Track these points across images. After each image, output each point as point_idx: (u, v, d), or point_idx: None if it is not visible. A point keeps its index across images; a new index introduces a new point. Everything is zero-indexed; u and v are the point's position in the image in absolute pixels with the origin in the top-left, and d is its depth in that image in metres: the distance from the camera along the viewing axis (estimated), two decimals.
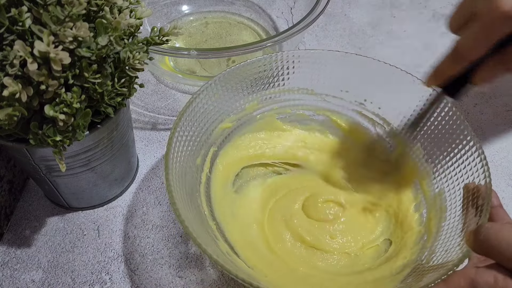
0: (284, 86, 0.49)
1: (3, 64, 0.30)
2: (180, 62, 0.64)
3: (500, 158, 0.54)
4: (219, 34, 0.68)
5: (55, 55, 0.30)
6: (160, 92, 0.61)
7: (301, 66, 0.48)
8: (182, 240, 0.46)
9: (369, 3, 0.77)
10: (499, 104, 0.60)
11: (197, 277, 0.44)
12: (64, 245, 0.46)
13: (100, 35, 0.34)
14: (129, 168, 0.50)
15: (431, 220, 0.42)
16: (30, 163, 0.40)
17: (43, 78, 0.31)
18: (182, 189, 0.39)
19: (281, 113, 0.51)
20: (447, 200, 0.41)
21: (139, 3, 0.39)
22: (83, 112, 0.35)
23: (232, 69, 0.45)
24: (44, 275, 0.44)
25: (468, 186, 0.39)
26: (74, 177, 0.43)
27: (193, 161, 0.43)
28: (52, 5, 0.31)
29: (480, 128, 0.57)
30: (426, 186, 0.44)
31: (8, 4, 0.31)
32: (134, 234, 0.47)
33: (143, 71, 0.38)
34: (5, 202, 0.47)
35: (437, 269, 0.34)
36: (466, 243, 0.33)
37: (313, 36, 0.70)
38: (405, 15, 0.74)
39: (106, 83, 0.36)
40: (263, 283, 0.34)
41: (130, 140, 0.47)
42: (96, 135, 0.39)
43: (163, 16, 0.70)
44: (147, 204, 0.49)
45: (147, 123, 0.57)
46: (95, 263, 0.44)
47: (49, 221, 0.48)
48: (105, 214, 0.48)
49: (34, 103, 0.33)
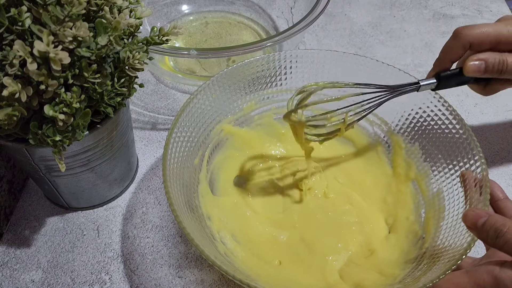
0: (282, 86, 0.49)
1: (3, 64, 0.30)
2: (180, 62, 0.64)
3: (500, 158, 0.54)
4: (219, 34, 0.68)
5: (55, 55, 0.30)
6: (160, 92, 0.61)
7: (300, 66, 0.48)
8: (182, 240, 0.46)
9: (369, 3, 0.77)
10: (499, 104, 0.60)
11: (197, 277, 0.44)
12: (63, 245, 0.46)
13: (99, 35, 0.34)
14: (128, 168, 0.50)
15: (430, 219, 0.42)
16: (30, 163, 0.40)
17: (43, 78, 0.31)
18: (180, 189, 0.39)
19: (279, 113, 0.51)
20: (446, 200, 0.41)
21: (139, 3, 0.39)
22: (82, 112, 0.35)
23: (230, 69, 0.45)
24: (44, 275, 0.44)
25: (464, 173, 0.39)
26: (74, 177, 0.43)
27: (191, 161, 0.43)
28: (52, 5, 0.31)
29: (480, 128, 0.57)
30: (425, 186, 0.44)
31: (8, 4, 0.31)
32: (134, 234, 0.47)
33: (143, 71, 0.38)
34: (4, 202, 0.47)
35: (435, 269, 0.34)
36: (471, 231, 0.33)
37: (313, 36, 0.70)
38: (405, 15, 0.74)
39: (106, 83, 0.36)
40: (261, 283, 0.34)
41: (130, 140, 0.47)
42: (96, 135, 0.39)
43: (163, 16, 0.70)
44: (147, 204, 0.49)
45: (147, 123, 0.57)
46: (94, 263, 0.44)
47: (49, 221, 0.48)
48: (105, 214, 0.48)
49: (34, 103, 0.33)
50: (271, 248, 0.43)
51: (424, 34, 0.71)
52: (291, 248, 0.43)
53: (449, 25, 0.72)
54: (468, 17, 0.74)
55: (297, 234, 0.44)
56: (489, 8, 0.75)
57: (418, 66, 0.65)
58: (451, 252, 0.35)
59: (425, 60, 0.66)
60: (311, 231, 0.45)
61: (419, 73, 0.64)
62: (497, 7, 0.76)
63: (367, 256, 0.43)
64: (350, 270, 0.42)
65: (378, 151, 0.49)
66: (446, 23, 0.73)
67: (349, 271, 0.41)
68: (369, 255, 0.43)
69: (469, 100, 0.61)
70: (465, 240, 0.35)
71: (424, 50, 0.68)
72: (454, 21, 0.73)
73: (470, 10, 0.75)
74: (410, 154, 0.47)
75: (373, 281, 0.40)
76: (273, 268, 0.42)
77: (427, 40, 0.69)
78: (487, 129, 0.57)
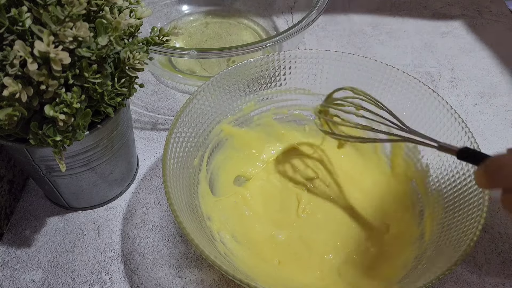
0: (282, 86, 0.49)
1: (3, 64, 0.31)
2: (180, 62, 0.64)
3: None
4: (219, 34, 0.68)
5: (55, 55, 0.30)
6: (160, 92, 0.61)
7: (300, 66, 0.48)
8: (182, 240, 0.46)
9: (369, 3, 0.77)
10: (499, 104, 0.60)
11: (197, 277, 0.44)
12: (64, 245, 0.46)
13: (100, 35, 0.34)
14: (129, 168, 0.50)
15: (429, 219, 0.42)
16: (30, 163, 0.40)
17: (43, 78, 0.31)
18: (180, 190, 0.39)
19: (278, 113, 0.51)
20: (445, 199, 0.41)
21: (139, 3, 0.39)
22: (83, 112, 0.35)
23: (230, 69, 0.45)
24: (44, 275, 0.44)
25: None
26: (74, 177, 0.43)
27: (190, 162, 0.43)
28: (52, 5, 0.31)
29: (480, 128, 0.57)
30: (424, 185, 0.44)
31: (8, 4, 0.31)
32: (134, 234, 0.47)
33: (143, 71, 0.38)
34: (5, 202, 0.47)
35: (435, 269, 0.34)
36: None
37: (313, 36, 0.70)
38: (405, 15, 0.74)
39: (106, 83, 0.36)
40: (261, 283, 0.34)
41: (130, 140, 0.47)
42: (96, 135, 0.39)
43: (163, 16, 0.70)
44: (147, 204, 0.49)
45: (147, 123, 0.58)
46: (95, 263, 0.45)
47: (49, 221, 0.48)
48: (105, 214, 0.48)
49: (34, 103, 0.33)
50: (270, 247, 0.43)
51: (424, 34, 0.71)
52: (290, 247, 0.43)
53: (449, 25, 0.72)
54: (467, 17, 0.74)
55: (296, 233, 0.44)
56: (489, 8, 0.75)
57: (418, 66, 0.65)
58: (451, 252, 0.35)
59: (425, 60, 0.66)
60: (310, 230, 0.45)
61: (419, 73, 0.64)
62: (497, 7, 0.76)
63: (366, 255, 0.43)
64: (349, 268, 0.42)
65: (377, 151, 0.49)
66: (446, 23, 0.73)
67: (348, 270, 0.41)
68: (368, 254, 0.43)
69: (469, 100, 0.61)
70: (465, 240, 0.35)
71: (424, 50, 0.68)
72: (454, 21, 0.73)
73: (470, 11, 0.75)
74: (410, 154, 0.47)
75: (372, 280, 0.40)
76: (272, 267, 0.42)
77: (427, 40, 0.70)
78: (487, 129, 0.57)
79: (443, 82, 0.63)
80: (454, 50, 0.68)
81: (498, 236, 0.47)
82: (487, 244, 0.46)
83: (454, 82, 0.63)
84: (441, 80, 0.63)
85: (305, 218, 0.46)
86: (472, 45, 0.69)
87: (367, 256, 0.43)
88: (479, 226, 0.35)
